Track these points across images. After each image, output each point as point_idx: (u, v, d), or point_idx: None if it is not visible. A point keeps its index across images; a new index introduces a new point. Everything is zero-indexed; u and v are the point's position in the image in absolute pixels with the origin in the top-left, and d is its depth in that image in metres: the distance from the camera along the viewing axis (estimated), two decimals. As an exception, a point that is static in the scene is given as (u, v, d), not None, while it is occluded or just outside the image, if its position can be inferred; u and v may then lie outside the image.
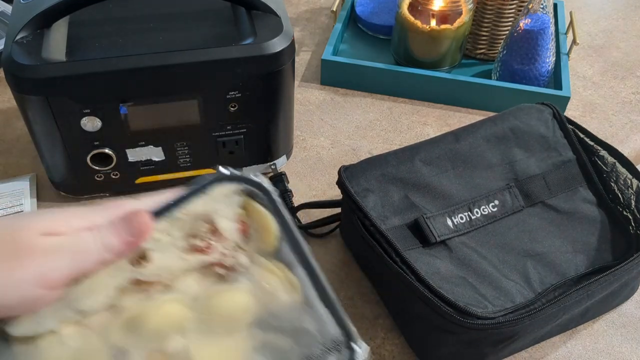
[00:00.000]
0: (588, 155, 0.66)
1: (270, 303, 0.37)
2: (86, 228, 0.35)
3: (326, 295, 0.37)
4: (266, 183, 0.37)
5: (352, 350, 0.36)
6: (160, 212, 0.36)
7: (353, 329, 0.37)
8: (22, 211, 0.70)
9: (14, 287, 0.33)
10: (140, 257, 0.36)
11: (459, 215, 0.61)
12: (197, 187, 0.36)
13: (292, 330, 0.37)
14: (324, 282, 0.37)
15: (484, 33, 0.92)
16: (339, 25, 0.96)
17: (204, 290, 0.37)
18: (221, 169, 0.36)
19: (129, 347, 0.36)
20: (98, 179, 0.70)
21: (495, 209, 0.62)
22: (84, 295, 0.35)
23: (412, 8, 0.87)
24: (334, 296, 0.37)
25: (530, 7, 0.81)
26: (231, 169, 0.36)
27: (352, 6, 1.02)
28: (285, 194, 0.73)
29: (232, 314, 0.37)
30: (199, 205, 0.36)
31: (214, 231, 0.37)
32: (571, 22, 0.95)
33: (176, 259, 0.36)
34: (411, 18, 0.86)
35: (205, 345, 0.36)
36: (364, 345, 0.37)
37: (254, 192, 0.37)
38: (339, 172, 0.62)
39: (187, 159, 0.71)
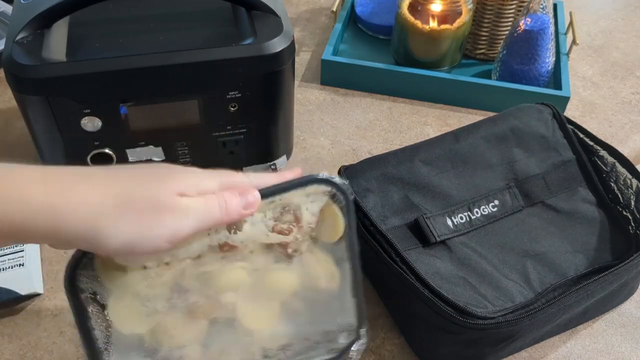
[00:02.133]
0: (588, 156, 0.66)
1: (311, 285, 0.45)
2: (211, 191, 0.40)
3: (358, 291, 0.46)
4: (349, 189, 0.44)
5: (359, 335, 0.47)
6: (263, 192, 0.42)
7: (366, 323, 0.47)
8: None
9: (150, 239, 0.37)
10: (236, 226, 0.42)
11: (459, 215, 0.61)
12: (297, 181, 0.42)
13: (320, 308, 0.46)
14: (360, 280, 0.46)
15: (484, 33, 0.92)
16: (339, 26, 0.96)
17: (265, 264, 0.44)
18: (320, 174, 0.43)
19: (191, 288, 0.43)
20: (98, 179, 0.70)
21: (495, 209, 0.62)
22: (182, 245, 0.41)
23: (412, 8, 0.87)
24: (363, 295, 0.46)
25: (530, 7, 0.81)
26: (326, 174, 0.43)
27: (352, 6, 1.02)
28: (285, 194, 0.73)
29: (277, 286, 0.45)
30: (294, 196, 0.43)
31: (297, 220, 0.44)
32: (571, 22, 0.95)
33: (262, 234, 0.43)
34: (411, 18, 0.86)
35: (249, 305, 0.44)
36: (367, 335, 0.47)
37: (337, 194, 0.44)
38: (339, 172, 0.63)
39: (187, 159, 0.71)
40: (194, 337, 0.44)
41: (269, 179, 0.42)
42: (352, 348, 0.47)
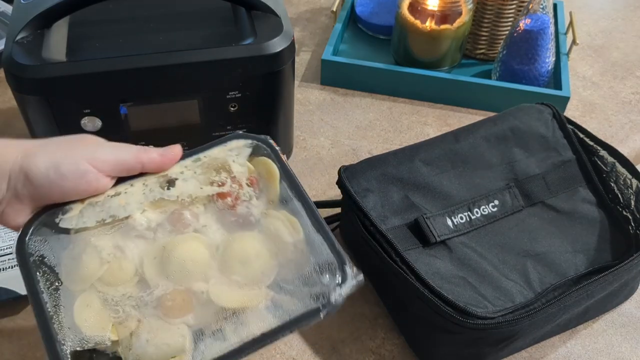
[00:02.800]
0: (588, 156, 0.66)
1: (278, 244, 0.44)
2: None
3: (321, 226, 0.44)
4: (267, 138, 0.47)
5: (344, 272, 0.42)
6: (186, 155, 0.46)
7: (344, 254, 0.43)
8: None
9: (72, 158, 0.42)
10: (168, 183, 0.45)
11: (459, 215, 0.61)
12: (217, 140, 0.46)
13: (292, 258, 0.44)
14: (318, 215, 0.44)
15: (484, 33, 0.92)
16: (339, 25, 0.96)
17: (223, 238, 0.45)
18: (238, 131, 0.47)
19: (154, 277, 0.43)
20: (98, 179, 0.70)
21: (495, 209, 0.62)
22: (118, 205, 0.44)
23: (412, 8, 0.87)
24: (327, 226, 0.44)
25: (530, 7, 0.81)
26: (244, 132, 0.46)
27: (352, 6, 1.02)
28: (285, 194, 0.73)
29: (245, 259, 0.44)
30: (218, 152, 0.47)
31: (228, 171, 0.46)
32: (571, 22, 0.95)
33: (195, 187, 0.45)
34: (411, 18, 0.86)
35: (224, 289, 0.43)
36: (354, 268, 0.42)
37: (261, 147, 0.47)
38: (339, 172, 0.63)
39: (187, 159, 0.71)
40: (176, 344, 0.41)
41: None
42: (341, 290, 0.42)
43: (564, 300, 0.54)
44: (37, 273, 0.42)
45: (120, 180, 0.45)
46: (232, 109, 0.67)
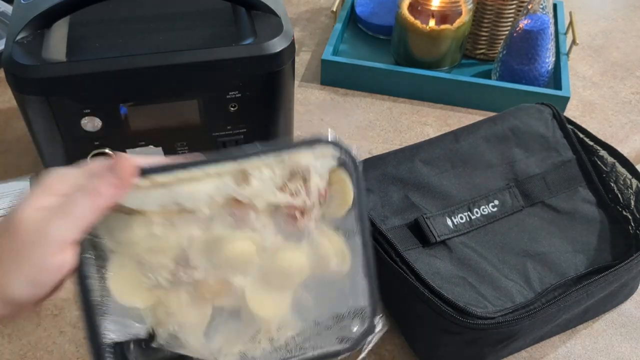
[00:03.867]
0: (588, 156, 0.66)
1: (322, 267, 0.43)
2: (74, 189, 0.37)
3: (370, 270, 0.43)
4: (357, 156, 0.42)
5: (372, 323, 0.42)
6: (270, 149, 0.41)
7: (379, 305, 0.43)
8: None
9: (46, 268, 0.36)
10: (243, 180, 0.41)
11: (459, 215, 0.61)
12: (307, 141, 0.41)
13: (331, 290, 0.43)
14: (371, 256, 0.43)
15: (484, 33, 0.92)
16: (339, 25, 0.96)
17: (274, 241, 0.42)
18: (330, 131, 0.41)
19: (197, 262, 0.41)
20: (98, 179, 0.70)
21: (495, 209, 0.62)
22: (187, 193, 0.40)
23: (412, 8, 0.87)
24: (375, 275, 0.43)
25: (529, 7, 0.81)
26: (336, 135, 0.41)
27: (352, 6, 1.02)
28: (285, 194, 0.73)
29: (288, 270, 0.43)
30: (302, 157, 0.42)
31: (305, 182, 0.42)
32: (571, 23, 0.95)
33: (270, 191, 0.41)
34: (411, 18, 0.86)
35: (259, 291, 0.42)
36: (381, 321, 0.43)
37: (345, 161, 0.42)
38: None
39: (187, 159, 0.71)
40: (196, 322, 0.42)
41: (153, 159, 0.40)
42: (368, 338, 0.43)
43: (564, 300, 0.54)
44: (87, 258, 0.39)
45: (194, 163, 0.40)
46: (232, 109, 0.67)
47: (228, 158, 0.40)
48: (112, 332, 0.40)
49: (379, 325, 0.43)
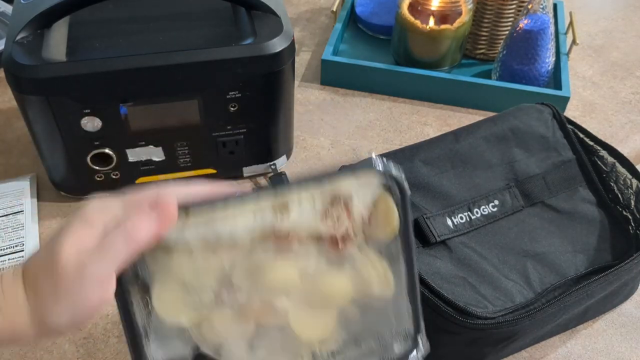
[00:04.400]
0: (588, 156, 0.66)
1: (365, 292, 0.42)
2: (114, 223, 0.37)
3: (414, 294, 0.42)
4: (405, 184, 0.41)
5: (417, 343, 0.41)
6: (311, 178, 0.39)
7: (423, 328, 0.42)
8: (22, 211, 0.70)
9: (85, 305, 0.37)
10: (283, 209, 0.40)
11: (459, 215, 0.61)
12: (349, 169, 0.40)
13: (374, 313, 0.42)
14: (417, 282, 0.42)
15: (484, 33, 0.92)
16: (339, 25, 0.96)
17: (317, 265, 0.42)
18: (375, 158, 0.40)
19: (241, 285, 0.41)
20: (98, 179, 0.70)
21: (495, 209, 0.62)
22: (226, 227, 0.39)
23: (412, 8, 0.87)
24: (419, 297, 0.42)
25: (530, 7, 0.81)
26: (384, 161, 0.40)
27: (352, 6, 1.02)
28: (286, 194, 0.73)
29: (330, 294, 0.42)
30: (346, 184, 0.40)
31: (348, 210, 0.41)
32: (571, 22, 0.95)
33: (310, 220, 0.40)
34: (411, 18, 0.86)
35: (302, 313, 0.42)
36: (426, 343, 0.42)
37: (392, 187, 0.41)
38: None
39: (187, 159, 0.71)
40: (241, 336, 0.42)
41: (196, 188, 0.39)
42: (410, 356, 0.42)
43: (564, 300, 0.54)
44: (130, 291, 0.39)
45: (230, 198, 0.39)
46: (232, 109, 0.67)
47: (269, 192, 0.40)
48: (157, 354, 0.40)
49: (422, 345, 0.42)
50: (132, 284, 0.39)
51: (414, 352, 0.41)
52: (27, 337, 0.38)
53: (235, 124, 0.69)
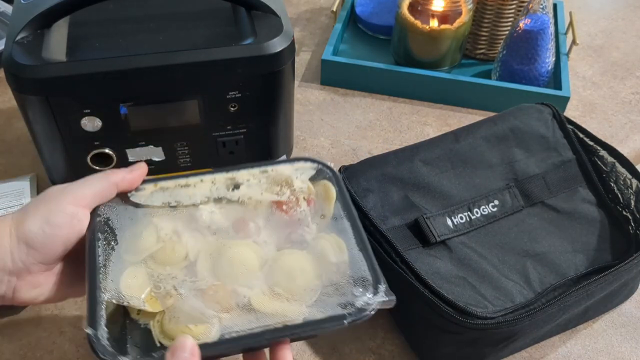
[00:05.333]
0: (588, 156, 0.66)
1: (323, 265, 0.47)
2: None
3: (365, 247, 0.47)
4: (331, 164, 0.52)
5: (376, 289, 0.44)
6: (255, 165, 0.51)
7: (381, 274, 0.45)
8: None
9: (55, 207, 0.44)
10: (234, 186, 0.50)
11: (459, 215, 0.61)
12: (286, 160, 0.52)
13: (337, 282, 0.46)
14: (364, 236, 0.48)
15: (484, 33, 0.92)
16: (339, 25, 0.96)
17: (275, 254, 0.48)
18: (306, 156, 0.53)
19: (204, 269, 0.46)
20: (98, 179, 0.70)
21: (495, 209, 0.62)
22: (187, 193, 0.50)
23: (412, 8, 0.87)
24: (369, 246, 0.47)
25: (529, 7, 0.81)
26: (314, 158, 0.52)
27: (352, 6, 1.02)
28: (285, 194, 0.73)
29: (291, 274, 0.47)
30: (284, 168, 0.52)
31: (289, 185, 0.51)
32: (571, 23, 0.95)
33: (257, 193, 0.51)
34: (411, 18, 0.86)
35: (265, 298, 0.45)
36: (391, 294, 0.44)
37: (324, 171, 0.52)
38: (339, 172, 0.62)
39: (187, 159, 0.71)
40: (203, 332, 0.44)
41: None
42: (370, 301, 0.44)
43: (564, 300, 0.54)
44: (99, 232, 0.46)
45: (193, 174, 0.51)
46: (232, 109, 0.67)
47: (222, 171, 0.51)
48: (110, 286, 0.44)
49: (385, 293, 0.44)
50: (101, 228, 0.47)
51: (373, 296, 0.43)
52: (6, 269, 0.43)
53: (235, 124, 0.69)
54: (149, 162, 0.70)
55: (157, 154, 0.70)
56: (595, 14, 1.11)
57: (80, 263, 0.45)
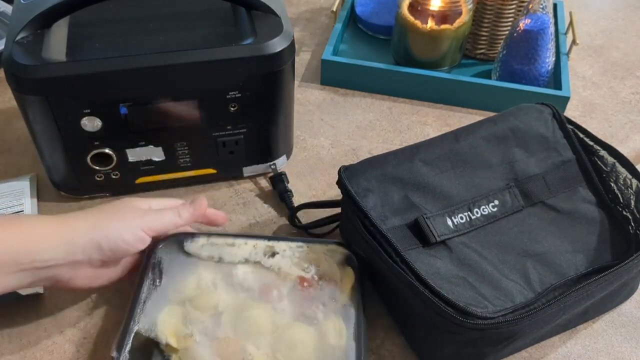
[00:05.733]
0: (588, 155, 0.66)
1: (322, 343, 0.54)
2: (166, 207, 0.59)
3: (359, 336, 0.55)
4: (360, 255, 0.60)
5: None
6: (295, 239, 0.61)
7: None
8: (22, 211, 0.70)
9: (130, 229, 0.54)
10: (272, 254, 0.60)
11: (459, 215, 0.61)
12: (323, 240, 0.62)
13: (329, 354, 0.54)
14: (363, 325, 0.56)
15: (484, 33, 0.92)
16: (339, 25, 0.96)
17: (286, 325, 0.55)
18: (340, 244, 0.61)
19: (226, 321, 0.55)
20: (98, 179, 0.70)
21: (495, 209, 0.62)
22: (230, 252, 0.59)
23: (412, 8, 0.87)
24: (366, 340, 0.55)
25: (530, 7, 0.81)
26: (342, 243, 0.61)
27: (352, 6, 1.02)
28: (285, 194, 0.73)
29: (294, 345, 0.54)
30: (317, 248, 0.60)
31: (317, 264, 0.59)
32: (571, 22, 0.95)
33: (287, 265, 0.59)
34: (411, 18, 0.86)
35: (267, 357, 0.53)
36: None
37: (351, 258, 0.60)
38: (339, 172, 0.63)
39: (187, 159, 0.71)
40: None
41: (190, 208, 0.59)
42: None
43: (564, 300, 0.54)
44: (150, 271, 0.57)
45: (240, 235, 0.61)
46: (232, 109, 0.67)
47: (263, 237, 0.60)
48: (142, 323, 0.54)
49: None
50: (153, 268, 0.58)
51: None
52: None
53: (235, 124, 0.69)
54: (149, 162, 0.70)
55: (157, 154, 0.70)
56: (595, 14, 1.11)
57: (122, 265, 0.58)
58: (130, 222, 0.54)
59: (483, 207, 0.62)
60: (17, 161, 0.78)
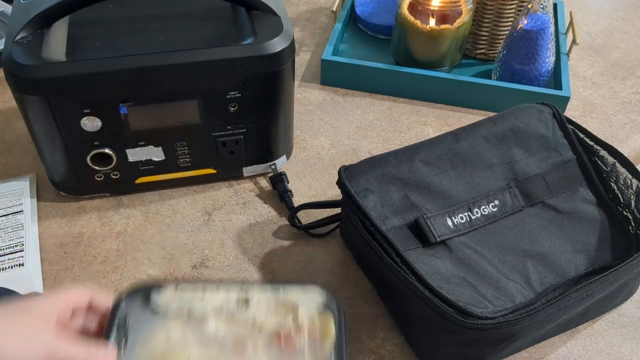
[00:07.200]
0: (588, 155, 0.66)
1: None
2: None
3: None
4: (342, 303, 0.52)
5: None
6: (270, 286, 0.53)
7: None
8: (22, 211, 0.70)
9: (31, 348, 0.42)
10: (245, 302, 0.52)
11: (459, 215, 0.61)
12: (301, 283, 0.53)
13: None
14: None
15: (484, 33, 0.92)
16: (339, 25, 0.96)
17: None
18: (318, 286, 0.53)
19: None
20: (98, 179, 0.70)
21: (495, 209, 0.62)
22: (200, 303, 0.52)
23: (412, 8, 0.87)
24: None
25: (530, 7, 0.81)
26: (326, 289, 0.52)
27: (352, 6, 1.02)
28: (285, 194, 0.73)
29: None
30: (295, 295, 0.53)
31: (294, 313, 0.52)
32: (571, 22, 0.95)
33: (263, 314, 0.52)
34: (411, 18, 0.86)
35: None
36: None
37: (332, 306, 0.52)
38: (339, 172, 0.62)
39: (187, 159, 0.71)
40: None
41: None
42: None
43: (564, 300, 0.54)
44: (115, 329, 0.50)
45: (210, 281, 0.57)
46: (232, 109, 0.67)
47: (236, 283, 0.54)
48: None
49: None
50: (119, 325, 0.50)
51: None
52: None
53: (235, 124, 0.69)
54: (149, 162, 0.70)
55: (157, 154, 0.70)
56: (595, 14, 1.11)
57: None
58: (30, 336, 0.42)
59: (483, 207, 0.62)
60: (17, 161, 0.78)
